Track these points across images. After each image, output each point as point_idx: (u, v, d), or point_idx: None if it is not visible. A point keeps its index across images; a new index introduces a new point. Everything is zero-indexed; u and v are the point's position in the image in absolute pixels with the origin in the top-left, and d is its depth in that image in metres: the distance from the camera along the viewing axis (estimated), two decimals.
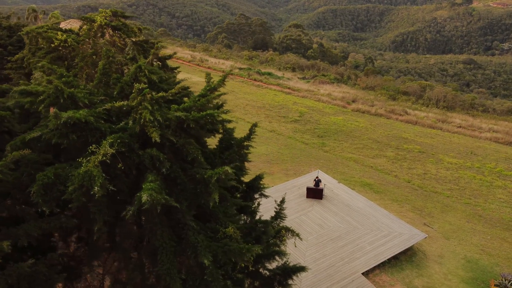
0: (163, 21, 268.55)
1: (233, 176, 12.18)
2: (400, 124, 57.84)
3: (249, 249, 12.36)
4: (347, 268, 23.57)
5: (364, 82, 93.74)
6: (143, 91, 11.67)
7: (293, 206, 28.79)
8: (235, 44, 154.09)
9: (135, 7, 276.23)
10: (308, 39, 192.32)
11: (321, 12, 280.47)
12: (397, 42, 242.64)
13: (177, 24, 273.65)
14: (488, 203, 33.92)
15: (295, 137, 46.63)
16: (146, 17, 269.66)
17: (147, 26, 25.24)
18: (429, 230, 28.97)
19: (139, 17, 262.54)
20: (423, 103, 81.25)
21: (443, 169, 40.55)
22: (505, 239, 28.78)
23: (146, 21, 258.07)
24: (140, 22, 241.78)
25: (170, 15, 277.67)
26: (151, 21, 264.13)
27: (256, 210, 19.56)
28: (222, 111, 14.98)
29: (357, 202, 29.28)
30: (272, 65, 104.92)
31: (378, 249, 24.94)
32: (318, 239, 25.68)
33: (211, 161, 14.99)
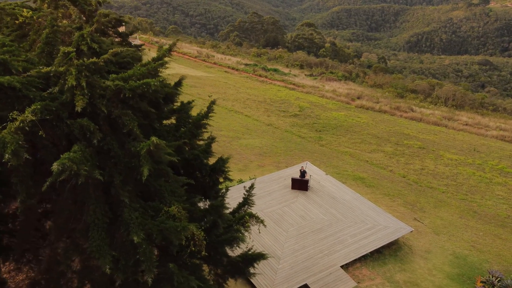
0: (177, 19, 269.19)
1: (167, 149, 11.38)
2: (404, 121, 56.52)
3: (184, 228, 11.57)
4: (326, 261, 22.62)
5: (372, 80, 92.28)
6: (69, 55, 10.94)
7: (277, 197, 27.91)
8: (245, 41, 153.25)
9: (149, 5, 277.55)
10: (321, 38, 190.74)
11: (335, 12, 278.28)
12: (412, 42, 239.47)
13: (190, 23, 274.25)
14: (485, 200, 32.59)
15: (292, 131, 45.70)
16: (159, 15, 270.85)
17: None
18: (418, 225, 27.85)
19: (152, 15, 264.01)
20: (432, 101, 79.67)
21: (442, 165, 39.26)
22: (498, 236, 27.50)
23: (160, 19, 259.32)
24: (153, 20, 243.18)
25: (184, 14, 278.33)
26: (165, 19, 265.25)
27: (224, 195, 18.81)
28: (172, 87, 14.20)
29: (343, 194, 28.27)
30: (280, 62, 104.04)
31: (360, 242, 23.92)
32: (299, 230, 24.77)
33: (164, 138, 14.25)
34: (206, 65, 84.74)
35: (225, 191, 19.06)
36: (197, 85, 63.75)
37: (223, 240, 15.59)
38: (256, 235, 24.40)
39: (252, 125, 46.87)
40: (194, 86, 62.82)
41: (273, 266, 22.25)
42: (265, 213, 26.32)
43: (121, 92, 11.58)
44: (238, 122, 47.66)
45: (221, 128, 44.75)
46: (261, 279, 21.51)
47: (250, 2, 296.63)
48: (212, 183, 17.00)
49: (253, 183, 18.96)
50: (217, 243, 15.64)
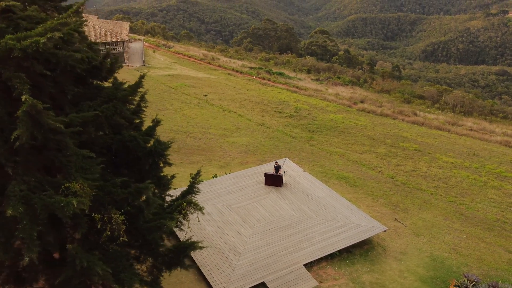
0: (192, 26, 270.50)
1: (50, 114, 10.26)
2: (404, 124, 54.79)
3: (68, 203, 10.37)
4: (289, 259, 21.22)
5: (380, 85, 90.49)
6: None
7: (248, 192, 26.62)
8: (256, 47, 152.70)
9: (165, 12, 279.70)
10: (334, 45, 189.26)
11: (351, 20, 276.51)
12: (428, 51, 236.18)
13: (206, 30, 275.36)
14: (475, 202, 30.78)
15: (284, 131, 44.39)
16: (175, 22, 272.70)
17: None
18: (398, 226, 26.25)
19: (169, 21, 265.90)
20: (439, 107, 77.54)
21: (436, 168, 37.48)
22: (482, 239, 25.72)
23: (176, 26, 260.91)
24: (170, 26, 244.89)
25: (200, 21, 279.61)
26: (180, 26, 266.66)
27: (169, 182, 17.70)
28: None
29: (318, 191, 26.84)
30: (288, 66, 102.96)
31: (329, 240, 22.47)
32: (265, 226, 23.43)
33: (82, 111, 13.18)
34: (210, 67, 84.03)
35: (170, 178, 18.00)
36: (195, 85, 62.94)
37: (152, 227, 14.37)
38: (220, 231, 23.20)
39: (243, 124, 45.70)
40: (193, 86, 62.03)
41: (231, 263, 20.96)
42: (232, 208, 25.06)
43: (12, 52, 10.57)
44: (229, 121, 46.55)
45: (210, 126, 43.69)
46: (216, 275, 20.23)
47: (266, 10, 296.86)
48: (148, 166, 15.83)
49: (199, 170, 17.75)
50: (146, 230, 14.44)
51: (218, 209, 25.03)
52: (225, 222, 23.92)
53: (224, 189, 27.11)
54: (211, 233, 23.10)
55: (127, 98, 14.34)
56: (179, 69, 75.94)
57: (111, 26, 78.80)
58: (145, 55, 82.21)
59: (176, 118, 45.41)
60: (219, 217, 24.32)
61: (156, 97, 53.72)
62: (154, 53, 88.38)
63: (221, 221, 23.98)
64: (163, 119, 45.60)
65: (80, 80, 14.27)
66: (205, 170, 32.64)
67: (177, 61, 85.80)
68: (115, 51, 74.20)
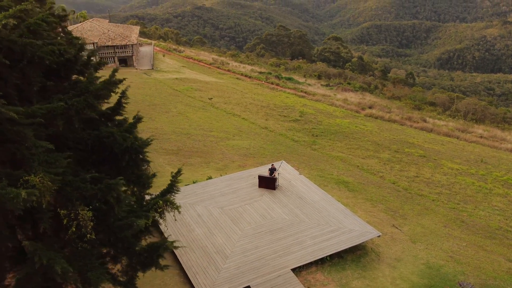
0: (207, 32, 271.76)
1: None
2: (412, 131, 53.82)
3: (17, 194, 9.94)
4: (278, 262, 20.59)
5: (391, 92, 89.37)
6: None
7: (241, 195, 26.07)
8: (267, 53, 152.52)
9: (180, 18, 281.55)
10: (347, 52, 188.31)
11: (365, 28, 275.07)
12: (443, 59, 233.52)
13: (220, 36, 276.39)
14: (478, 210, 29.78)
15: (286, 135, 43.81)
16: (190, 28, 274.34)
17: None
18: (395, 232, 25.43)
19: (183, 27, 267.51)
20: (450, 114, 76.18)
21: (440, 174, 36.51)
22: (482, 247, 24.76)
23: (190, 32, 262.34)
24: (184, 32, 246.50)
25: (214, 27, 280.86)
26: (195, 32, 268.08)
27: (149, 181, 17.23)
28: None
29: (313, 194, 26.16)
30: (298, 72, 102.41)
31: (320, 244, 21.78)
32: (255, 229, 22.84)
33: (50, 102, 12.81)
34: (219, 71, 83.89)
35: (150, 177, 17.53)
36: (202, 89, 62.74)
37: (123, 225, 13.89)
38: (209, 233, 22.69)
39: (246, 128, 45.23)
40: (199, 89, 61.83)
41: (218, 265, 20.40)
42: (224, 210, 24.53)
43: None
44: (232, 124, 46.12)
45: (212, 129, 43.29)
46: (201, 278, 19.70)
47: (280, 16, 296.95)
48: (125, 163, 15.38)
49: (180, 169, 17.25)
50: (117, 228, 13.98)
51: (209, 211, 24.53)
52: (215, 224, 23.40)
53: (217, 191, 26.62)
54: (199, 235, 22.58)
55: (99, 92, 13.87)
56: (187, 73, 75.91)
57: (120, 29, 79.25)
58: (154, 59, 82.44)
59: (179, 121, 45.12)
60: (210, 219, 23.80)
61: (162, 100, 53.62)
62: (164, 57, 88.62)
63: (211, 223, 23.46)
64: (165, 122, 45.55)
65: (52, 73, 13.95)
66: (202, 172, 32.24)
67: (187, 65, 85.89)
68: (124, 54, 74.57)
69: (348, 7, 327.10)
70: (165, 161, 34.58)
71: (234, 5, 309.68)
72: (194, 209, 24.69)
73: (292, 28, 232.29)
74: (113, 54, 74.23)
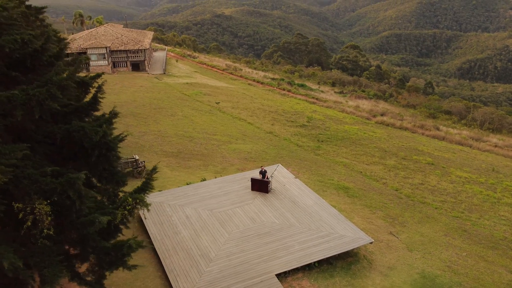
0: (225, 39, 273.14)
1: None
2: (423, 138, 52.48)
3: None
4: (262, 267, 19.79)
5: (406, 100, 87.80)
6: None
7: (232, 197, 25.37)
8: (283, 60, 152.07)
9: (200, 25, 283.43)
10: (365, 60, 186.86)
11: (384, 37, 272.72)
12: (464, 69, 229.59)
13: (238, 44, 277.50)
14: (483, 219, 28.48)
15: (291, 139, 43.02)
16: (209, 36, 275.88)
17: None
18: (391, 239, 24.38)
19: (202, 35, 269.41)
20: (466, 123, 74.24)
21: (447, 182, 35.23)
22: (484, 258, 23.52)
23: (209, 39, 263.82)
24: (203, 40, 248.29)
25: (233, 35, 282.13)
26: (214, 39, 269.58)
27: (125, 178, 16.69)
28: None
29: (306, 199, 25.30)
30: (313, 79, 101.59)
31: (308, 250, 20.91)
32: (243, 233, 22.09)
33: None
34: (231, 77, 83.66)
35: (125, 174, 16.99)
36: (211, 93, 62.42)
37: (86, 222, 13.32)
38: (195, 236, 22.04)
39: (250, 132, 44.59)
40: (208, 94, 61.51)
41: (200, 269, 19.71)
42: (213, 212, 23.86)
43: None
44: (237, 128, 45.54)
45: (216, 133, 42.77)
46: (182, 281, 19.03)
47: (299, 25, 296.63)
48: (95, 158, 14.85)
49: (156, 166, 16.67)
50: (80, 224, 13.43)
51: (198, 213, 23.89)
52: (202, 226, 22.74)
53: (209, 193, 25.99)
54: (185, 237, 21.94)
55: (63, 82, 13.37)
56: (198, 78, 75.78)
57: (134, 34, 79.73)
58: (167, 64, 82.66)
59: (183, 124, 44.74)
60: (198, 222, 23.16)
61: (169, 103, 53.40)
62: (177, 62, 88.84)
63: (198, 226, 22.81)
64: (169, 124, 45.19)
65: (17, 63, 13.57)
66: (199, 174, 31.67)
67: (199, 70, 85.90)
68: (137, 59, 74.90)
69: (368, 16, 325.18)
70: (164, 163, 34.11)
71: (253, 13, 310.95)
72: (183, 210, 24.09)
73: (311, 36, 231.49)
74: (125, 58, 74.61)
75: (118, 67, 74.57)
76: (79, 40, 73.96)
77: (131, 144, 37.41)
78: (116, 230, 15.13)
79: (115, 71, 73.25)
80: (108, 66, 71.23)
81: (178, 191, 26.27)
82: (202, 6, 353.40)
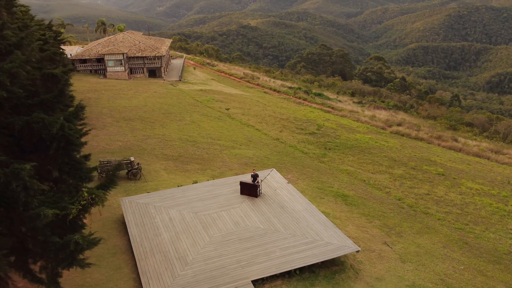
0: (250, 50, 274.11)
1: None
2: (438, 149, 50.65)
3: None
4: (239, 273, 18.86)
5: (426, 111, 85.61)
6: None
7: (220, 201, 24.57)
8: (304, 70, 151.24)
9: (225, 36, 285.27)
10: (390, 72, 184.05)
11: (411, 49, 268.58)
12: (493, 82, 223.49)
13: (263, 54, 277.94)
14: (488, 232, 26.84)
15: (297, 146, 42.02)
16: (234, 46, 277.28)
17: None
18: (385, 249, 23.09)
19: (228, 45, 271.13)
20: (488, 136, 71.61)
21: (455, 193, 33.60)
22: (483, 272, 21.97)
23: (234, 50, 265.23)
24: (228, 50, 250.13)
25: (258, 45, 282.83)
26: (239, 50, 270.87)
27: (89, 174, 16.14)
28: None
29: (295, 204, 24.25)
30: (332, 89, 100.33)
31: (290, 256, 19.87)
32: (224, 237, 21.23)
33: None
34: (247, 85, 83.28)
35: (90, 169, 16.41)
36: (224, 100, 62.02)
37: (33, 215, 12.72)
38: (175, 238, 21.30)
39: (256, 138, 43.80)
40: (220, 101, 61.11)
41: (175, 272, 18.93)
42: (197, 215, 23.10)
43: None
44: (243, 134, 44.81)
45: (220, 138, 42.15)
46: (154, 284, 18.29)
47: (325, 36, 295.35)
48: (53, 151, 14.33)
49: (121, 162, 16.06)
50: (27, 218, 12.85)
51: (183, 215, 23.16)
52: (184, 229, 21.99)
53: (197, 195, 25.26)
54: (165, 239, 21.22)
55: (13, 70, 12.89)
56: (214, 85, 75.62)
57: (152, 42, 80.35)
58: (184, 71, 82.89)
59: (189, 129, 44.30)
60: (180, 224, 22.42)
61: (179, 109, 53.17)
62: (195, 70, 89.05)
63: (180, 228, 22.07)
64: (174, 129, 44.82)
65: None
66: (195, 178, 30.96)
67: (216, 78, 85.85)
68: (153, 65, 75.33)
69: (395, 28, 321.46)
70: (162, 166, 33.66)
71: (279, 24, 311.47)
72: (167, 212, 23.41)
73: (336, 48, 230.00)
74: (142, 65, 75.14)
75: (135, 73, 75.12)
76: (98, 46, 74.97)
77: (133, 147, 37.17)
78: (73, 226, 14.53)
79: (132, 77, 73.76)
80: (124, 72, 71.79)
81: (166, 193, 25.65)
82: (228, 17, 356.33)
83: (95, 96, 55.04)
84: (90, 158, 17.45)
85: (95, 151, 33.74)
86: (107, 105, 50.75)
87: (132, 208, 23.89)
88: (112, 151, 35.55)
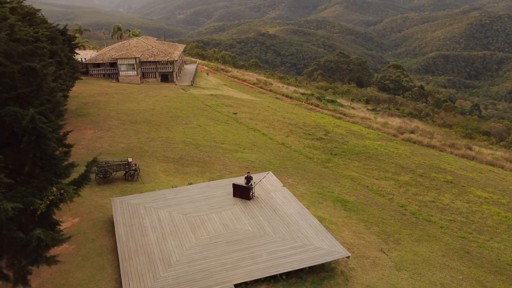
0: (268, 57, 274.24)
1: None
2: (450, 157, 49.29)
3: None
4: (222, 276, 18.24)
5: (442, 119, 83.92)
6: None
7: (212, 203, 24.02)
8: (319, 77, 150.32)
9: (244, 43, 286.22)
10: (408, 80, 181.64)
11: (431, 57, 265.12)
12: None
13: (281, 62, 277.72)
14: (492, 241, 25.67)
15: (302, 151, 41.29)
16: (252, 54, 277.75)
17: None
18: (380, 256, 22.19)
19: (246, 53, 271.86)
20: (505, 145, 69.70)
21: (462, 201, 32.43)
22: (482, 283, 20.89)
23: (252, 57, 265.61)
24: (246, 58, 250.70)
25: (276, 53, 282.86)
26: (257, 57, 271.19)
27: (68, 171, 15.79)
28: None
29: (288, 208, 23.54)
30: (346, 96, 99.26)
31: (277, 260, 19.17)
32: (211, 239, 20.65)
33: None
34: (260, 91, 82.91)
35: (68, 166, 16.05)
36: (233, 105, 61.66)
37: None
38: (161, 239, 20.82)
39: (261, 142, 43.20)
40: (230, 105, 60.77)
41: (156, 273, 18.42)
42: (187, 217, 22.59)
43: None
44: (248, 138, 44.28)
45: (224, 142, 41.69)
46: (134, 285, 17.83)
47: (343, 44, 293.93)
48: (25, 144, 14.00)
49: (95, 158, 15.66)
50: None
51: (172, 216, 22.69)
52: (171, 230, 21.49)
53: (188, 197, 24.77)
54: (151, 240, 20.75)
55: None
56: (225, 91, 75.40)
57: (165, 47, 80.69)
58: (196, 76, 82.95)
59: (194, 132, 43.96)
60: (168, 225, 21.94)
61: (187, 113, 52.96)
62: (207, 75, 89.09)
63: (167, 229, 21.58)
64: (179, 132, 44.53)
65: None
66: (193, 180, 30.50)
67: (229, 83, 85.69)
68: (166, 70, 75.54)
69: (415, 37, 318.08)
70: (161, 168, 33.32)
71: (297, 32, 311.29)
72: (156, 213, 22.96)
73: (354, 56, 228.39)
74: (154, 69, 75.43)
75: (147, 78, 75.44)
76: (111, 51, 75.60)
77: (135, 149, 36.98)
78: (44, 222, 14.16)
79: (144, 81, 74.07)
80: (137, 77, 72.15)
81: (158, 194, 25.24)
82: (247, 25, 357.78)
83: (105, 99, 55.22)
84: (71, 154, 17.13)
85: (97, 152, 33.65)
86: (116, 108, 50.82)
87: (122, 208, 23.51)
88: (113, 153, 35.40)
